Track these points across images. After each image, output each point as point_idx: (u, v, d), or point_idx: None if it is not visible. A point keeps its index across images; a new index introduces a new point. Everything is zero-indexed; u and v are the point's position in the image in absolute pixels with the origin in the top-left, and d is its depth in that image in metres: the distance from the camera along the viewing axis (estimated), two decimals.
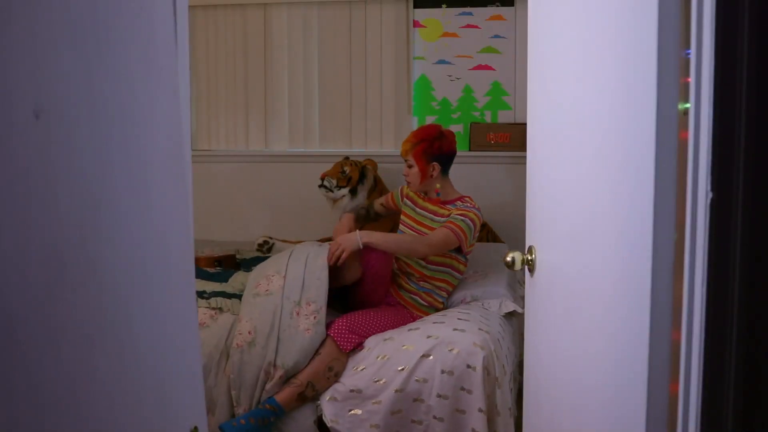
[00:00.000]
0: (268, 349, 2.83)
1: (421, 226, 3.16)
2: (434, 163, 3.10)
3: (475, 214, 3.05)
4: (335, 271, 2.98)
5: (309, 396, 2.82)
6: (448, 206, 3.12)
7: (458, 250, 3.08)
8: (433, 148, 3.09)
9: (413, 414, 2.77)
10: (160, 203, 1.11)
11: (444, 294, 3.17)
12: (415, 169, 3.10)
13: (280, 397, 2.79)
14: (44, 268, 0.79)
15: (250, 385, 2.84)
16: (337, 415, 2.80)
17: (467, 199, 3.14)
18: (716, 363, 1.07)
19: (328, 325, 2.91)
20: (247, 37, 4.43)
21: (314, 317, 2.87)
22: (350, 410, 2.80)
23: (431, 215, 3.14)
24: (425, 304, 3.13)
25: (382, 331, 2.94)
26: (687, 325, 1.11)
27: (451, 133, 3.20)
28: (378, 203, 3.47)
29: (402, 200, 3.33)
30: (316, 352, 2.84)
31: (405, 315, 3.09)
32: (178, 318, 1.19)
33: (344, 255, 2.91)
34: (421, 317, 3.09)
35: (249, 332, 2.87)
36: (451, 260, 3.12)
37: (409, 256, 3.09)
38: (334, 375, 2.83)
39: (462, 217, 3.02)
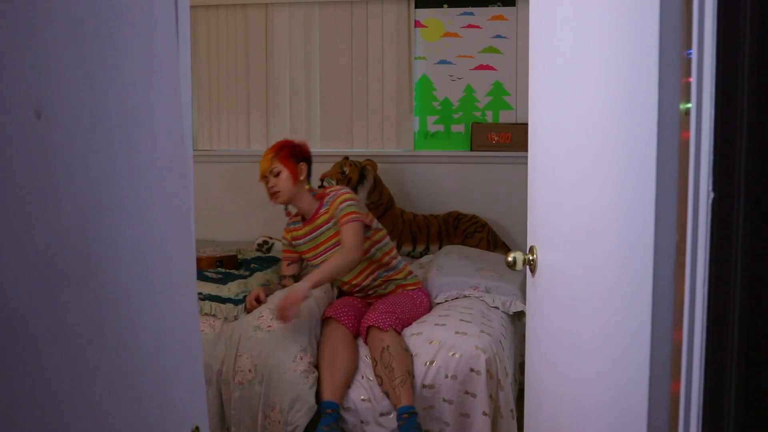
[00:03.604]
0: (269, 389, 2.77)
1: (331, 241, 3.10)
2: (302, 163, 3.09)
3: (345, 192, 3.09)
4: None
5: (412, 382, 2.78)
6: (324, 207, 3.10)
7: (366, 228, 3.09)
8: (296, 151, 3.11)
9: (426, 422, 2.77)
10: (162, 203, 1.11)
11: (394, 261, 3.17)
12: (285, 173, 3.05)
13: (406, 401, 2.70)
14: (46, 268, 0.79)
15: (250, 425, 2.80)
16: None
17: (328, 191, 3.14)
18: (718, 363, 1.07)
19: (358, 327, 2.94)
20: (248, 37, 4.43)
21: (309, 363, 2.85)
22: (362, 421, 2.79)
23: (326, 226, 3.10)
24: (399, 278, 3.17)
25: (411, 316, 3.00)
26: (688, 324, 1.11)
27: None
28: (286, 271, 3.29)
29: (290, 245, 3.23)
30: (383, 349, 2.78)
31: (406, 295, 3.11)
32: (179, 318, 1.19)
33: (296, 307, 2.82)
34: (411, 287, 3.15)
35: (249, 370, 2.82)
36: (369, 240, 3.10)
37: (350, 268, 3.02)
38: (410, 353, 2.82)
39: (344, 204, 3.03)
